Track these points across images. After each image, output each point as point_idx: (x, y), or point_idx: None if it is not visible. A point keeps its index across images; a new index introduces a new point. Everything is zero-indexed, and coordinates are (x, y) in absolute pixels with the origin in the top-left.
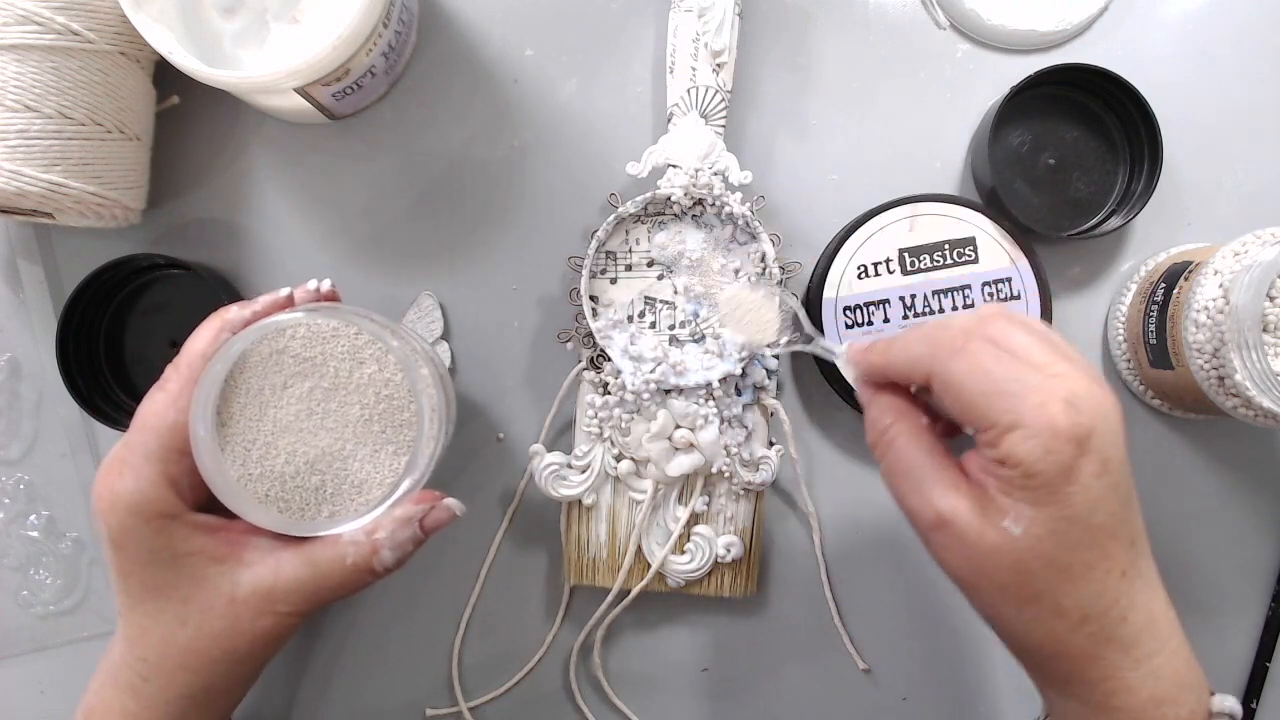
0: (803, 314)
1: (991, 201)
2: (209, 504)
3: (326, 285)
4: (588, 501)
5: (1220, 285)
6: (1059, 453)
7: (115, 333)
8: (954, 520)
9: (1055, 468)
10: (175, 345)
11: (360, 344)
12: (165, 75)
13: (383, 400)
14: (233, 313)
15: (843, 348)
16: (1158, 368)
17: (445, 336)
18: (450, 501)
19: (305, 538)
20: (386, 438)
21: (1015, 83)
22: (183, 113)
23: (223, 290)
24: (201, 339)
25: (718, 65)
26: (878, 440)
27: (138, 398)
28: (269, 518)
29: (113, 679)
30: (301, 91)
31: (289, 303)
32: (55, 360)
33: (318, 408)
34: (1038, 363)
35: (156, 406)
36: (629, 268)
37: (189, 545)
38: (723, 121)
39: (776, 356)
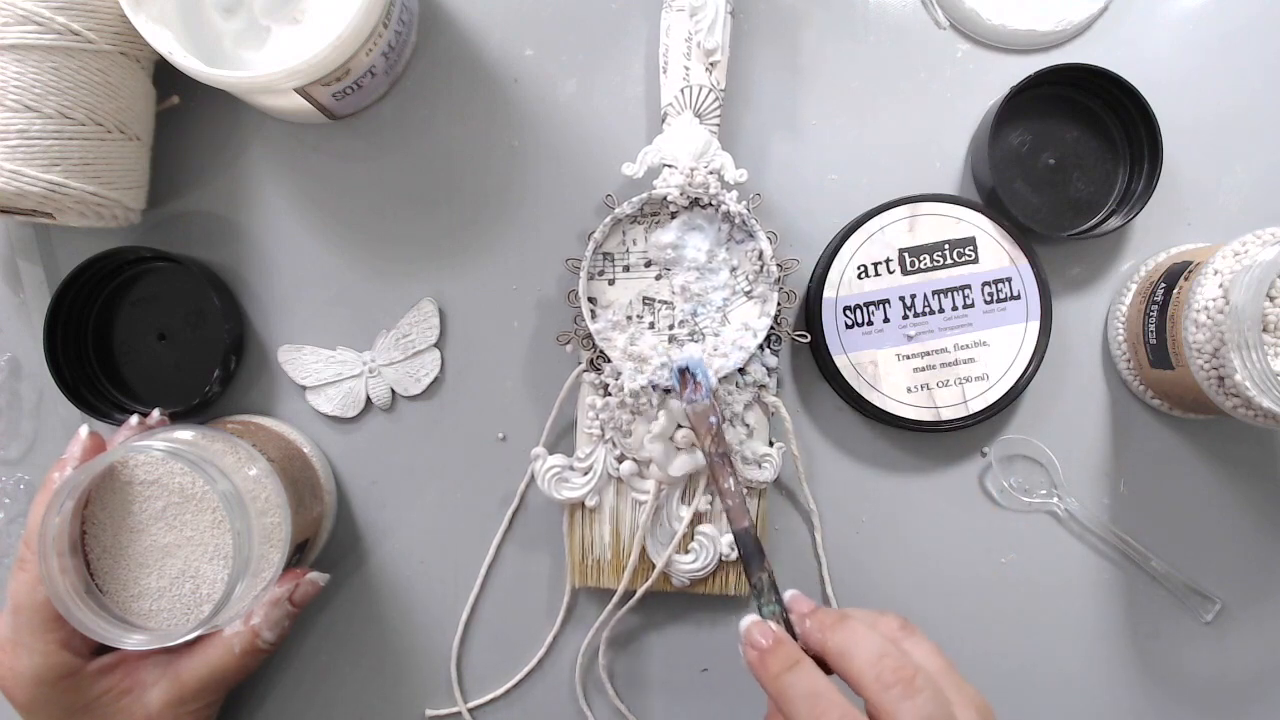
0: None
1: (991, 201)
2: (103, 645)
3: (155, 416)
4: (590, 503)
5: (1220, 285)
6: None
7: (104, 325)
8: None
9: None
10: (163, 338)
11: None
12: (165, 75)
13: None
14: (54, 477)
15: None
16: (1158, 368)
17: (440, 343)
18: (313, 575)
19: (194, 640)
20: None
21: (1015, 83)
22: (183, 113)
23: (210, 283)
24: (39, 513)
25: (711, 64)
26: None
27: (124, 388)
28: (145, 640)
29: None
30: (301, 91)
31: (99, 442)
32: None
33: (175, 521)
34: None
35: (24, 586)
36: (627, 268)
37: (96, 690)
38: (717, 120)
39: (776, 353)
